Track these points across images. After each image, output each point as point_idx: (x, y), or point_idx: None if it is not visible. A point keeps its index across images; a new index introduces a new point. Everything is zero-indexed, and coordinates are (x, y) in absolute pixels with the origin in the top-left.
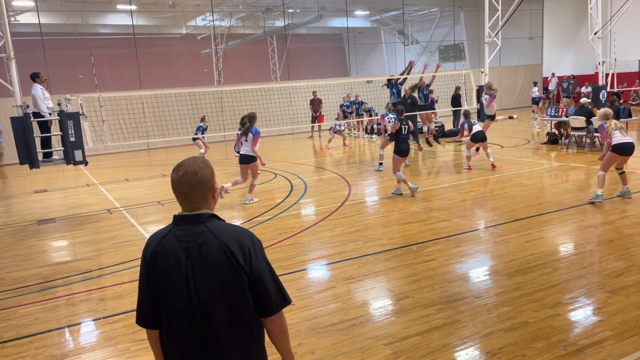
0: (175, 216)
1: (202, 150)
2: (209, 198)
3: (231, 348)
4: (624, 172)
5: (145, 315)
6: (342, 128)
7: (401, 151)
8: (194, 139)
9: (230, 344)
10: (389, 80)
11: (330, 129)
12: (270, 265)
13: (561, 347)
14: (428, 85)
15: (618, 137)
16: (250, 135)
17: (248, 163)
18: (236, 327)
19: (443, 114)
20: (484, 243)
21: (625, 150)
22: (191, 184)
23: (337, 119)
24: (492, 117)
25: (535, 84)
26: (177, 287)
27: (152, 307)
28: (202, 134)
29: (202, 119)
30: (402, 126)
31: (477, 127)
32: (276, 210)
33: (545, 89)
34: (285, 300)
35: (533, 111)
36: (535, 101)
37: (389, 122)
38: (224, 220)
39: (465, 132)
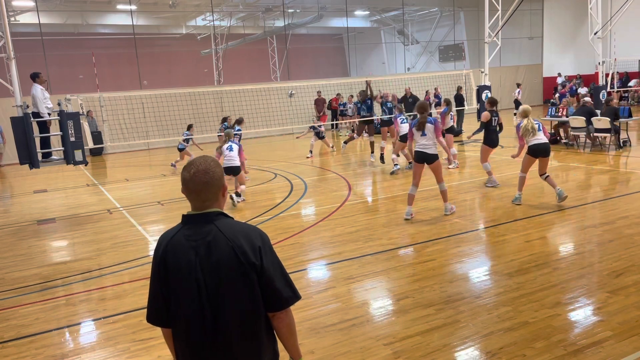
0: (183, 215)
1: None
2: (219, 196)
3: (241, 345)
4: (548, 176)
5: (157, 314)
6: (323, 135)
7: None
8: (181, 149)
9: (240, 342)
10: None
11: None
12: (280, 261)
13: (561, 347)
14: (401, 100)
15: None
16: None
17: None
18: (246, 324)
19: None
20: (484, 243)
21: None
22: (203, 182)
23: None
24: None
25: (518, 85)
26: (187, 286)
27: (163, 305)
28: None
29: (190, 127)
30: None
31: (405, 127)
32: (276, 210)
33: (555, 88)
34: (296, 296)
35: (515, 114)
36: (518, 103)
37: (402, 123)
38: (232, 218)
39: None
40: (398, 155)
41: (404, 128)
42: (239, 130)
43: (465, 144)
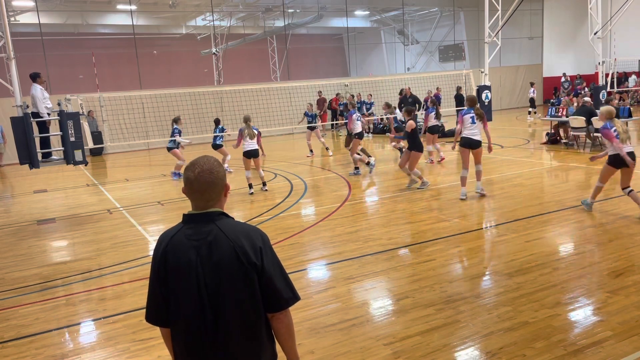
0: (184, 215)
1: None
2: (222, 196)
3: (241, 346)
4: (632, 190)
5: (156, 313)
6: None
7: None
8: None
9: (240, 342)
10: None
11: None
12: (280, 262)
13: (561, 347)
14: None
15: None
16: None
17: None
18: (246, 324)
19: (446, 113)
20: (484, 243)
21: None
22: (208, 181)
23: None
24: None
25: (532, 84)
26: (188, 285)
27: (163, 305)
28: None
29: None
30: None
31: (359, 125)
32: (276, 210)
33: (555, 88)
34: (295, 297)
35: (529, 112)
36: (533, 101)
37: (357, 120)
38: (233, 218)
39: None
40: (359, 154)
41: (358, 125)
42: (176, 128)
43: None
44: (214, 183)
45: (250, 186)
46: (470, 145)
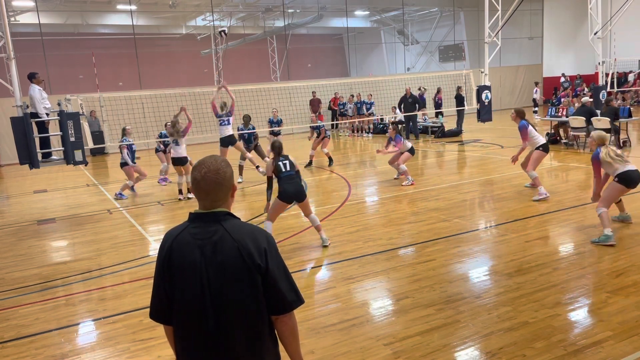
0: (191, 214)
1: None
2: (229, 197)
3: (243, 346)
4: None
5: (159, 311)
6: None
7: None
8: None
9: (242, 342)
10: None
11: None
12: (285, 264)
13: (561, 347)
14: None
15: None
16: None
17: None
18: (248, 325)
19: (447, 113)
20: (484, 243)
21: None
22: (214, 182)
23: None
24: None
25: (536, 84)
26: (191, 284)
27: (166, 302)
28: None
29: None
30: (280, 163)
31: (408, 143)
32: None
33: (555, 88)
34: (299, 299)
35: (535, 112)
36: (534, 101)
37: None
38: (239, 219)
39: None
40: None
41: (408, 144)
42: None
43: (466, 144)
44: (221, 184)
45: (180, 192)
46: (546, 149)
